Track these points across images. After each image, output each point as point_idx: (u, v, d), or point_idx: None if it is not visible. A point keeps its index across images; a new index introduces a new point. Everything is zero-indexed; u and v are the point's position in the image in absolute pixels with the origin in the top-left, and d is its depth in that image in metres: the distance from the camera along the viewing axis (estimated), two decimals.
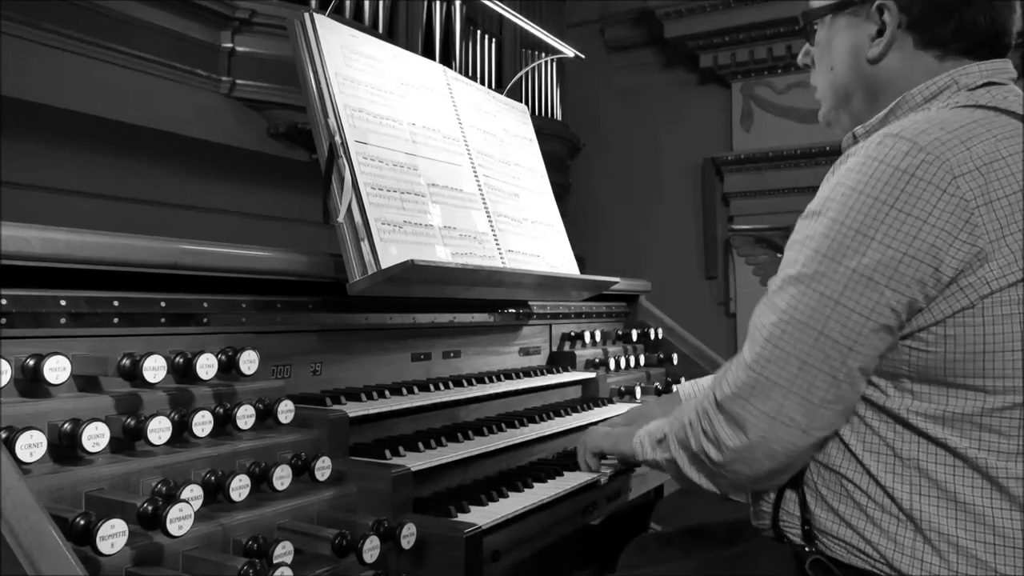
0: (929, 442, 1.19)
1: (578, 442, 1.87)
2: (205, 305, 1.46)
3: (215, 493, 1.22)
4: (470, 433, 1.79)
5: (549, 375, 2.35)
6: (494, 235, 2.20)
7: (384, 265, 1.68)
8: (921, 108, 1.30)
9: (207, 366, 1.32)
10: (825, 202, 1.23)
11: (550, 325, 2.61)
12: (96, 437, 1.12)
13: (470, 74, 5.10)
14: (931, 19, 1.30)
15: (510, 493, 1.63)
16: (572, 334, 2.66)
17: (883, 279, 1.14)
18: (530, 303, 2.45)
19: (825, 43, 1.45)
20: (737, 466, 1.27)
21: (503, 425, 1.90)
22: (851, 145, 1.38)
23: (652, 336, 2.92)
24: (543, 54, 5.54)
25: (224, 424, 1.34)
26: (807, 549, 1.29)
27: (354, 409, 1.59)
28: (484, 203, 2.22)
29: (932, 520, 1.17)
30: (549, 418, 2.08)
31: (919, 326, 1.16)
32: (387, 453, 1.55)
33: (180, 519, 1.08)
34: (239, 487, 1.23)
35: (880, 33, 1.34)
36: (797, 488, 1.31)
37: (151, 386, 1.25)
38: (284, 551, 1.17)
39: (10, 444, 1.03)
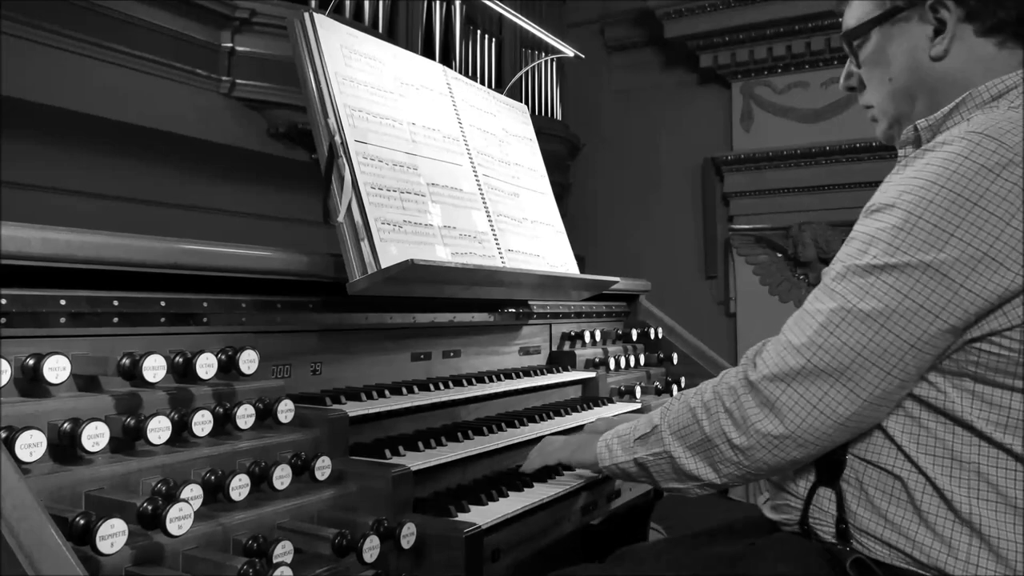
0: (991, 446, 1.16)
1: (532, 452, 1.76)
2: (205, 305, 1.46)
3: (215, 493, 1.22)
4: (470, 433, 1.79)
5: (549, 375, 2.35)
6: (494, 235, 2.20)
7: (384, 265, 1.68)
8: (988, 105, 1.27)
9: (207, 366, 1.32)
10: (900, 195, 1.18)
11: (550, 325, 2.61)
12: (96, 437, 1.12)
13: (470, 74, 5.10)
14: (988, 6, 1.28)
15: (510, 493, 1.63)
16: (572, 334, 2.66)
17: (960, 277, 1.11)
18: (530, 303, 2.45)
19: (876, 56, 1.41)
20: (760, 452, 1.24)
21: (503, 425, 1.90)
22: (910, 139, 1.35)
23: (652, 336, 2.92)
24: (543, 54, 5.54)
25: (224, 424, 1.34)
26: (840, 547, 1.25)
27: (354, 409, 1.59)
28: (484, 203, 2.22)
29: (992, 525, 1.14)
30: (549, 418, 2.08)
31: (992, 329, 1.13)
32: (387, 453, 1.55)
33: (180, 519, 1.08)
34: (239, 487, 1.23)
35: (938, 32, 1.32)
36: (834, 485, 1.28)
37: (151, 386, 1.25)
38: (284, 551, 1.17)
39: (10, 444, 1.03)
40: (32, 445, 1.05)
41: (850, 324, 1.17)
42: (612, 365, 2.62)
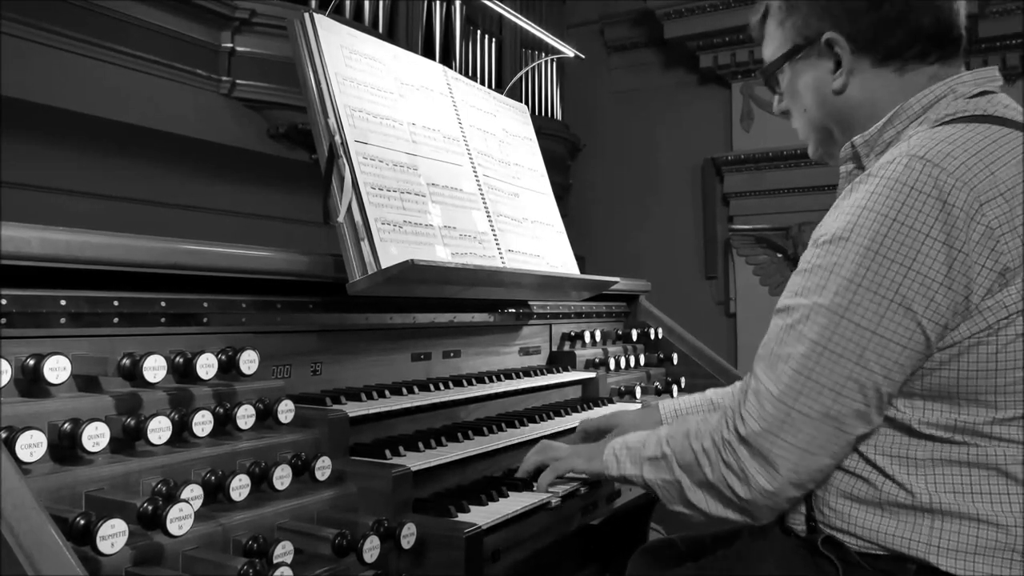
0: (941, 443, 1.21)
1: (533, 459, 1.71)
2: (205, 305, 1.45)
3: (215, 493, 1.22)
4: (470, 433, 1.79)
5: (549, 375, 2.35)
6: (494, 235, 2.20)
7: (384, 265, 1.68)
8: (920, 117, 1.31)
9: (207, 366, 1.32)
10: (852, 228, 1.20)
11: (550, 325, 2.61)
12: (96, 437, 1.12)
13: (470, 74, 5.10)
14: (878, 36, 1.33)
15: (510, 493, 1.63)
16: (572, 334, 2.66)
17: (920, 308, 1.15)
18: (530, 303, 2.45)
19: (791, 89, 1.49)
20: (763, 500, 1.27)
21: (503, 425, 1.90)
22: (849, 155, 1.40)
23: (652, 336, 2.92)
24: (543, 54, 5.54)
25: (224, 424, 1.34)
26: (812, 536, 1.30)
27: (354, 409, 1.59)
28: (484, 203, 2.22)
29: (951, 504, 1.19)
30: (549, 418, 2.08)
31: (936, 347, 1.18)
32: (387, 453, 1.55)
33: (180, 519, 1.08)
34: (239, 487, 1.23)
35: (838, 65, 1.37)
36: None
37: (151, 386, 1.25)
38: (284, 551, 1.17)
39: (10, 444, 1.03)
40: (32, 445, 1.05)
41: (825, 366, 1.20)
42: (612, 365, 2.62)
